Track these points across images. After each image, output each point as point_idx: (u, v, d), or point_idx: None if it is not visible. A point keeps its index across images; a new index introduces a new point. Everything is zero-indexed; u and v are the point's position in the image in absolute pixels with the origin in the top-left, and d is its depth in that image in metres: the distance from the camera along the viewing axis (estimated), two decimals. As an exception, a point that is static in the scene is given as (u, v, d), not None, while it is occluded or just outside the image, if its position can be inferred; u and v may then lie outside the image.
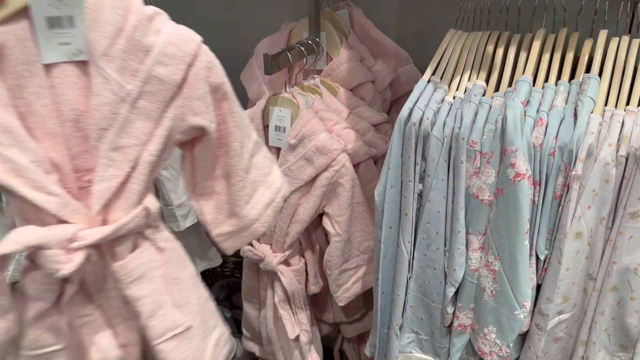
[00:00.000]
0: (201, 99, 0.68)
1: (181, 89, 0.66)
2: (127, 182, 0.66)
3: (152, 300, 0.70)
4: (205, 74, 0.68)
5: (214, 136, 0.71)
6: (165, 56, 0.64)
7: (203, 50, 0.68)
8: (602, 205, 0.89)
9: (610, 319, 0.95)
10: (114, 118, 0.63)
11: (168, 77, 0.65)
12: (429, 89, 1.00)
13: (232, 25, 1.60)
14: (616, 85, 0.92)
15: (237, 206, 0.76)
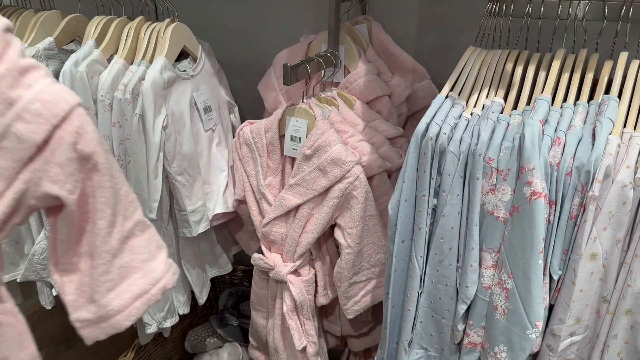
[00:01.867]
0: (62, 166, 0.60)
1: (41, 151, 0.59)
2: None
3: None
4: (73, 139, 0.60)
5: (74, 209, 0.63)
6: (29, 113, 0.57)
7: (77, 113, 0.60)
8: (618, 227, 0.88)
9: (623, 343, 0.94)
10: None
11: (28, 135, 0.58)
12: (446, 105, 1.00)
13: (252, 35, 1.61)
14: (635, 107, 0.92)
15: (97, 292, 0.67)
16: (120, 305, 0.68)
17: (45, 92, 0.58)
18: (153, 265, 0.70)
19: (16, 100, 0.57)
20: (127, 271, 0.69)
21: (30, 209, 0.62)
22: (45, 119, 0.58)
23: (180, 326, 1.75)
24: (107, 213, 0.65)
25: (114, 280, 0.68)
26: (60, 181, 0.61)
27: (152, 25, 1.27)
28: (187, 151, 1.22)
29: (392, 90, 1.32)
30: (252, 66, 1.61)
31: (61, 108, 0.59)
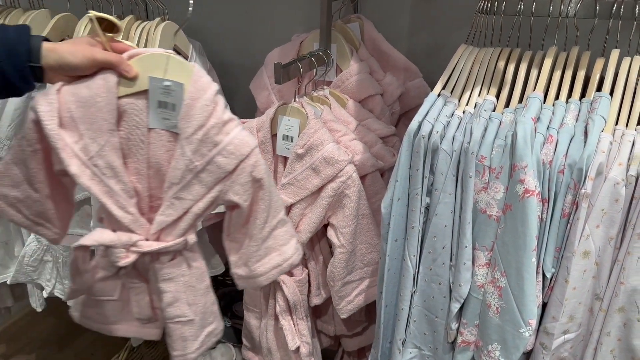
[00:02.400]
0: (242, 185, 0.91)
1: (231, 175, 0.89)
2: (178, 221, 0.92)
3: (172, 295, 0.97)
4: (251, 169, 0.90)
5: (245, 210, 0.95)
6: (227, 151, 0.87)
7: (254, 152, 0.90)
8: (610, 224, 0.88)
9: (616, 340, 0.94)
10: (182, 179, 0.89)
11: (224, 165, 0.88)
12: (439, 103, 1.00)
13: (243, 34, 1.61)
14: (627, 104, 0.92)
15: (250, 261, 1.00)
16: (262, 272, 1.00)
17: (237, 138, 0.87)
18: (286, 248, 1.01)
19: (219, 142, 0.87)
20: (270, 251, 1.00)
21: (217, 206, 0.94)
22: (235, 156, 0.88)
23: (173, 327, 1.74)
24: (264, 215, 0.96)
25: (260, 255, 0.99)
26: (240, 194, 0.92)
27: (142, 24, 1.26)
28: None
29: (384, 88, 1.32)
30: (244, 65, 1.61)
31: (246, 150, 0.88)
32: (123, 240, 0.92)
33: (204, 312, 1.02)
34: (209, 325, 1.04)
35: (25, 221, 0.97)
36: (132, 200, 0.92)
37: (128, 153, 0.91)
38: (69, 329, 2.04)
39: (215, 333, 1.07)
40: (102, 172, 0.88)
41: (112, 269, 0.99)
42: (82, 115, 0.85)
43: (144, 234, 0.93)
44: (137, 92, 0.88)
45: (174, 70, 0.86)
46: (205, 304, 1.01)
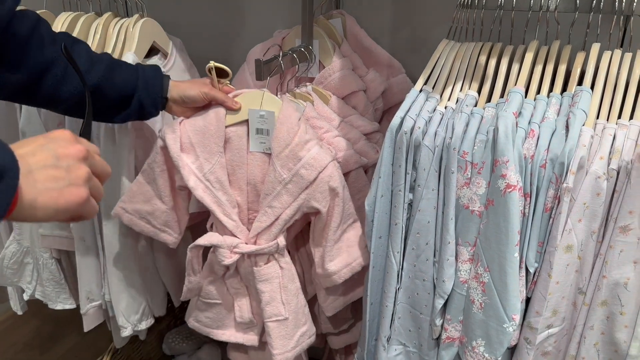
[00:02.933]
0: (321, 193, 1.06)
1: (312, 184, 1.05)
2: (271, 226, 1.10)
3: (269, 295, 1.13)
4: (328, 179, 1.05)
5: (324, 215, 1.09)
6: (308, 164, 1.04)
7: (330, 165, 1.05)
8: (592, 218, 0.89)
9: (599, 334, 0.94)
10: (273, 191, 1.08)
11: (306, 176, 1.05)
12: (420, 98, 0.99)
13: (225, 31, 1.59)
14: (608, 98, 0.92)
15: (324, 261, 1.12)
16: (335, 270, 1.12)
17: (316, 154, 1.05)
18: (354, 250, 1.13)
19: (302, 157, 1.04)
20: (341, 251, 1.12)
21: (302, 212, 1.09)
22: (315, 169, 1.04)
23: (158, 328, 1.72)
24: (337, 219, 1.09)
25: (333, 255, 1.12)
26: (319, 200, 1.07)
27: (120, 21, 1.24)
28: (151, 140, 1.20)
29: (367, 85, 1.31)
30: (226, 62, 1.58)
31: (323, 163, 1.05)
32: (228, 242, 1.12)
33: (297, 311, 1.17)
34: (302, 326, 1.19)
35: (152, 229, 1.18)
36: (234, 210, 1.13)
37: (232, 172, 1.13)
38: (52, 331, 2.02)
39: (308, 334, 1.21)
40: (212, 186, 1.10)
41: (220, 271, 1.17)
42: (198, 140, 1.09)
43: (244, 239, 1.13)
44: (240, 121, 1.10)
45: (267, 103, 1.08)
46: (297, 304, 1.17)
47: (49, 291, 1.42)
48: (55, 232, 1.32)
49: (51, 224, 1.32)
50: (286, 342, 1.17)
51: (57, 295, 1.42)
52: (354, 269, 1.13)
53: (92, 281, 1.32)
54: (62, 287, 1.42)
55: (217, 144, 1.09)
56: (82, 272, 1.30)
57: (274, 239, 1.12)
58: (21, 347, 1.95)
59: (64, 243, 1.33)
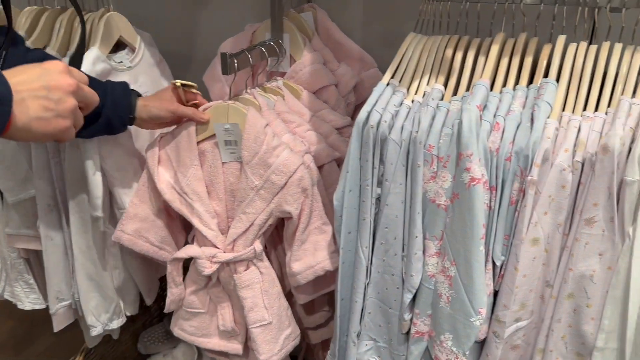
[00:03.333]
0: (292, 196, 1.08)
1: (282, 188, 1.08)
2: (246, 232, 1.13)
3: (251, 300, 1.15)
4: (298, 182, 1.07)
5: (295, 219, 1.11)
6: (278, 170, 1.07)
7: (300, 169, 1.07)
8: (558, 211, 0.88)
9: (567, 327, 0.94)
10: (246, 197, 1.11)
11: (277, 182, 1.07)
12: (387, 92, 0.98)
13: (196, 26, 1.57)
14: (574, 90, 0.92)
15: (291, 260, 1.14)
16: (297, 271, 1.14)
17: (285, 159, 1.06)
18: (320, 253, 1.13)
19: (271, 164, 1.07)
20: (306, 253, 1.13)
21: (275, 217, 1.12)
22: (285, 173, 1.06)
23: (133, 328, 1.70)
24: (305, 220, 1.11)
25: (299, 256, 1.14)
26: (291, 203, 1.09)
27: (86, 16, 1.21)
28: (124, 147, 1.18)
29: (338, 79, 1.30)
30: (198, 57, 1.57)
31: (293, 167, 1.06)
32: (206, 253, 1.15)
33: (280, 314, 1.19)
34: (287, 329, 1.21)
35: (152, 247, 1.21)
36: (214, 220, 1.15)
37: (209, 183, 1.16)
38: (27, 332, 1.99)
39: (292, 336, 1.24)
40: (189, 198, 1.13)
41: (201, 282, 1.20)
42: (174, 155, 1.13)
43: (223, 248, 1.15)
44: (209, 136, 1.13)
45: (233, 115, 1.10)
46: (280, 307, 1.19)
47: (18, 291, 1.39)
48: (22, 231, 1.29)
49: (17, 224, 1.29)
50: (272, 346, 1.19)
51: (27, 295, 1.40)
52: (317, 272, 1.14)
53: (60, 280, 1.30)
54: (31, 287, 1.40)
55: (191, 157, 1.13)
56: (50, 272, 1.28)
57: (251, 245, 1.14)
58: (-5, 348, 1.92)
59: (31, 242, 1.31)
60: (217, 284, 1.21)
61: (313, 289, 1.26)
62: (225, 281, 1.19)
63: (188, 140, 1.12)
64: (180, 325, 1.27)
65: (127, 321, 1.39)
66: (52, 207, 1.24)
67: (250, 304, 1.16)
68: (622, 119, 0.84)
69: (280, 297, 1.21)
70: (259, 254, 1.16)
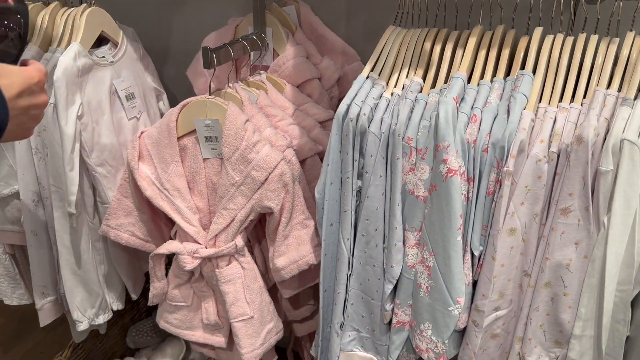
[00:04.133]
0: (273, 192, 1.08)
1: (263, 184, 1.08)
2: (227, 228, 1.13)
3: (233, 295, 1.16)
4: (278, 177, 1.08)
5: (276, 214, 1.11)
6: (258, 166, 1.07)
7: (280, 164, 1.07)
8: (534, 201, 0.90)
9: (544, 315, 0.95)
10: (227, 193, 1.11)
11: (257, 177, 1.07)
12: (367, 85, 0.99)
13: (180, 20, 1.57)
14: (550, 82, 0.93)
15: (274, 256, 1.15)
16: (281, 266, 1.14)
17: (265, 155, 1.06)
18: (303, 248, 1.14)
19: (252, 160, 1.07)
20: (289, 248, 1.14)
21: (257, 213, 1.12)
22: (265, 169, 1.06)
23: (121, 322, 1.71)
24: (287, 215, 1.11)
25: (282, 251, 1.14)
26: (272, 199, 1.09)
27: (67, 11, 1.21)
28: (107, 141, 1.18)
29: (321, 72, 1.31)
30: (183, 51, 1.57)
31: (273, 163, 1.06)
32: (188, 249, 1.15)
33: (262, 309, 1.20)
34: (269, 323, 1.23)
35: (138, 241, 1.23)
36: (195, 215, 1.17)
37: (191, 179, 1.17)
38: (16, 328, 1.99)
39: (275, 330, 1.25)
40: (170, 194, 1.14)
41: (184, 276, 1.21)
42: (155, 152, 1.14)
43: (204, 243, 1.16)
44: (190, 131, 1.13)
45: (213, 110, 1.10)
46: (261, 302, 1.20)
47: (4, 287, 1.39)
48: (7, 226, 1.29)
49: (2, 219, 1.29)
50: (253, 340, 1.20)
51: (13, 291, 1.40)
52: (301, 266, 1.15)
53: (46, 276, 1.30)
54: (17, 282, 1.40)
55: (171, 154, 1.14)
56: (35, 267, 1.28)
57: (232, 240, 1.14)
58: (-15, 344, 1.92)
59: (16, 238, 1.31)
60: (200, 278, 1.22)
61: (298, 283, 1.27)
62: (208, 276, 1.20)
63: (168, 136, 1.12)
64: (165, 318, 1.28)
65: (115, 316, 1.39)
66: (37, 203, 1.24)
67: (232, 299, 1.17)
68: (596, 110, 0.86)
69: (263, 292, 1.22)
70: (241, 249, 1.16)
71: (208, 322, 1.24)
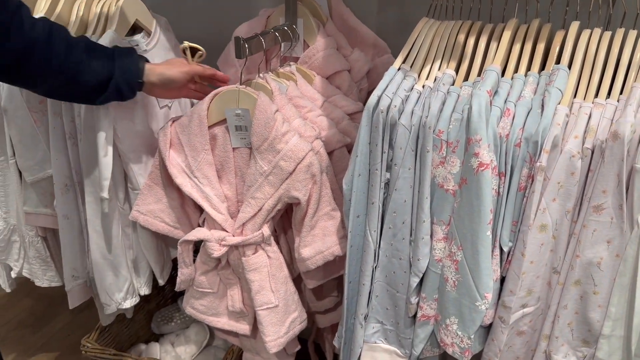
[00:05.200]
0: (300, 182, 1.09)
1: (291, 174, 1.08)
2: (254, 217, 1.14)
3: (258, 284, 1.17)
4: (307, 168, 1.08)
5: (304, 204, 1.11)
6: (286, 156, 1.07)
7: (308, 155, 1.07)
8: (567, 198, 0.88)
9: (573, 313, 0.94)
10: (255, 182, 1.12)
11: (285, 167, 1.08)
12: (398, 77, 0.99)
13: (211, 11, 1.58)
14: (586, 77, 0.91)
15: (300, 246, 1.16)
16: (307, 256, 1.15)
17: (294, 145, 1.07)
18: (329, 239, 1.15)
19: (280, 150, 1.07)
20: (315, 238, 1.15)
21: (284, 203, 1.13)
22: (293, 160, 1.07)
23: (147, 307, 1.74)
24: (314, 206, 1.12)
25: (308, 242, 1.15)
26: (300, 189, 1.09)
27: (102, 1, 1.23)
28: (140, 128, 1.20)
29: (351, 64, 1.30)
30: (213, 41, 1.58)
31: (301, 154, 1.07)
32: (215, 236, 1.17)
33: (286, 298, 1.21)
34: (293, 312, 1.24)
35: (167, 227, 1.25)
36: (223, 204, 1.18)
37: (220, 168, 1.19)
38: (44, 310, 2.04)
39: (299, 320, 1.26)
40: (200, 182, 1.16)
41: (211, 264, 1.22)
42: (186, 140, 1.15)
43: (232, 231, 1.18)
44: (220, 120, 1.14)
45: (243, 100, 1.11)
46: (286, 291, 1.21)
47: (35, 269, 1.43)
48: (40, 209, 1.33)
49: (35, 202, 1.32)
50: (277, 328, 1.21)
51: (44, 272, 1.44)
52: (326, 257, 1.16)
53: (76, 259, 1.33)
54: (48, 265, 1.43)
55: (201, 142, 1.15)
56: (66, 250, 1.31)
57: (259, 229, 1.15)
58: (14, 325, 1.97)
59: (48, 221, 1.34)
60: (226, 266, 1.23)
61: (322, 274, 1.28)
62: (235, 264, 1.21)
63: (199, 124, 1.13)
64: (191, 304, 1.30)
65: (141, 301, 1.42)
66: (69, 187, 1.26)
67: (257, 287, 1.18)
68: (633, 106, 0.84)
69: (288, 282, 1.23)
70: (267, 238, 1.17)
71: (233, 309, 1.26)
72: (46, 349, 1.87)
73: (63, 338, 1.92)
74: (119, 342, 1.62)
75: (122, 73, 1.05)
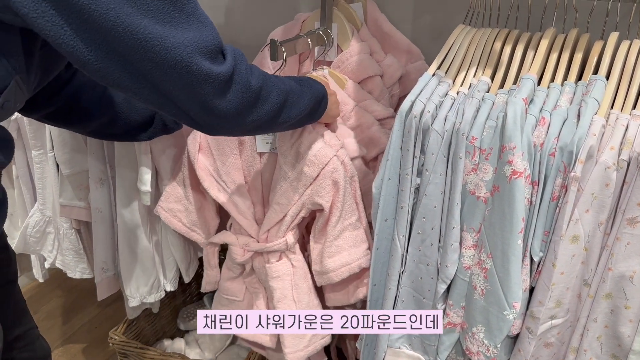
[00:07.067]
0: (324, 188, 1.08)
1: (315, 180, 1.08)
2: (279, 223, 1.14)
3: (280, 292, 1.17)
4: (330, 174, 1.08)
5: (326, 212, 1.11)
6: (310, 162, 1.07)
7: (332, 161, 1.07)
8: (600, 209, 0.87)
9: (603, 327, 0.93)
10: (280, 188, 1.12)
11: (309, 173, 1.08)
12: (432, 83, 0.99)
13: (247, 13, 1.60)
14: (623, 88, 0.90)
15: (323, 257, 1.14)
16: (332, 267, 1.13)
17: (318, 151, 1.07)
18: (355, 250, 1.13)
19: (305, 155, 1.07)
20: (341, 249, 1.13)
21: (307, 209, 1.12)
22: (317, 165, 1.07)
23: (173, 304, 1.76)
24: (337, 215, 1.11)
25: (332, 252, 1.13)
26: (323, 196, 1.09)
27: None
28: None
29: (384, 70, 1.31)
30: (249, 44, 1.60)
31: (325, 160, 1.07)
32: (240, 241, 1.18)
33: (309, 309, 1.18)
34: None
35: (184, 227, 1.26)
36: (249, 209, 1.19)
37: (247, 173, 1.20)
38: (74, 302, 2.09)
39: (321, 336, 1.22)
40: (227, 186, 1.17)
41: (236, 270, 1.24)
42: (215, 144, 1.16)
43: (256, 237, 1.19)
44: None
45: None
46: (309, 303, 1.20)
47: (68, 260, 1.46)
48: (75, 202, 1.36)
49: (70, 195, 1.36)
50: (297, 341, 1.19)
51: (76, 264, 1.47)
52: (352, 269, 1.14)
53: (106, 251, 1.36)
54: (80, 257, 1.47)
55: (230, 147, 1.16)
56: (97, 242, 1.35)
57: (283, 236, 1.16)
58: (44, 315, 2.02)
59: (82, 213, 1.37)
60: (251, 272, 1.24)
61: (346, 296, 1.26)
62: (258, 271, 1.22)
63: None
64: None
65: (167, 297, 1.44)
66: (103, 182, 1.30)
67: (279, 295, 1.17)
68: (673, 119, 0.82)
69: (311, 293, 1.21)
70: (291, 246, 1.17)
71: None
72: (73, 340, 1.91)
73: (90, 330, 1.96)
74: (144, 336, 1.65)
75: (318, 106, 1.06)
